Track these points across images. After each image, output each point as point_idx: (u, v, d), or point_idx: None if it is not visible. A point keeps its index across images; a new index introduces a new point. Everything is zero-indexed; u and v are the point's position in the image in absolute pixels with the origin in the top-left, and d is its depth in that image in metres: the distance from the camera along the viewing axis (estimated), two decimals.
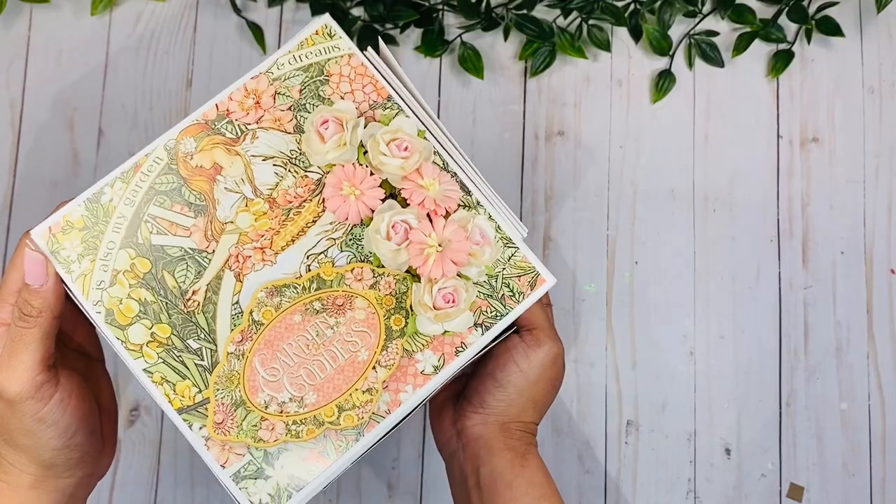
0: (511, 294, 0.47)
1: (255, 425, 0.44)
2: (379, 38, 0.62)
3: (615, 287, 0.71)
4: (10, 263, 0.44)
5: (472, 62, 0.71)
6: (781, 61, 0.72)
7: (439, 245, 0.44)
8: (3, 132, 0.70)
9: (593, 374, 0.70)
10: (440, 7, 0.71)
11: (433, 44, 0.70)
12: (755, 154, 0.73)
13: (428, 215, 0.45)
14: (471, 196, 0.47)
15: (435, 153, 0.47)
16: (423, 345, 0.46)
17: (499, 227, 0.47)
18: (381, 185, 0.46)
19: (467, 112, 0.72)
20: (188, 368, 0.44)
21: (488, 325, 0.47)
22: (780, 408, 0.70)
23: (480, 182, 0.48)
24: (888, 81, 0.74)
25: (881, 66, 0.74)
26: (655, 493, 0.69)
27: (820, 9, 0.72)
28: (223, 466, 0.44)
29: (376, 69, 0.48)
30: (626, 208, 0.72)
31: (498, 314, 0.47)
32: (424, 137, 0.47)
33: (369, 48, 0.48)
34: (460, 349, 0.46)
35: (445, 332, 0.46)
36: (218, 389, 0.44)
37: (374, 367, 0.45)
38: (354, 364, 0.45)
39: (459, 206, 0.47)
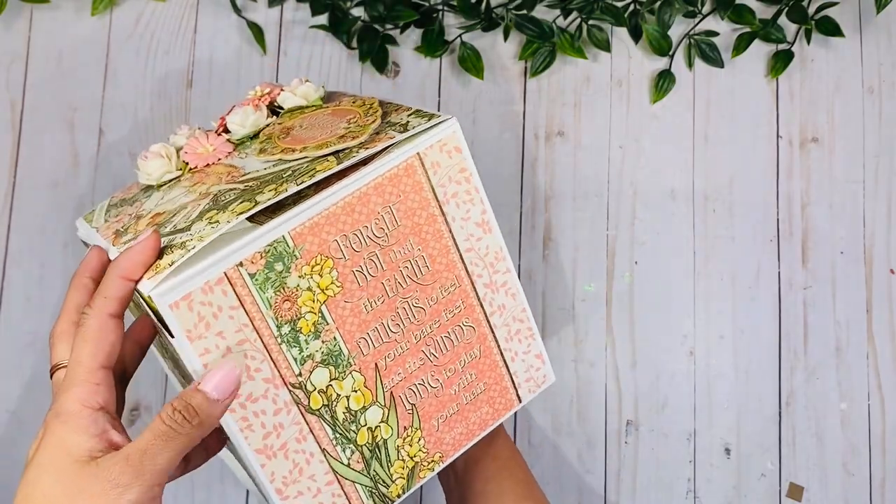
0: None
1: None
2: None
3: (615, 287, 0.71)
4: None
5: (472, 62, 0.71)
6: (781, 61, 0.72)
7: None
8: (3, 132, 0.70)
9: (593, 374, 0.70)
10: (440, 7, 0.71)
11: (433, 44, 0.70)
12: (755, 154, 0.73)
13: None
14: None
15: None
16: None
17: None
18: None
19: (467, 112, 0.72)
20: None
21: None
22: (780, 408, 0.70)
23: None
24: (888, 81, 0.74)
25: (881, 66, 0.74)
26: (655, 493, 0.69)
27: (820, 9, 0.72)
28: None
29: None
30: (626, 208, 0.72)
31: None
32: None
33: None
34: None
35: None
36: None
37: None
38: None
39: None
